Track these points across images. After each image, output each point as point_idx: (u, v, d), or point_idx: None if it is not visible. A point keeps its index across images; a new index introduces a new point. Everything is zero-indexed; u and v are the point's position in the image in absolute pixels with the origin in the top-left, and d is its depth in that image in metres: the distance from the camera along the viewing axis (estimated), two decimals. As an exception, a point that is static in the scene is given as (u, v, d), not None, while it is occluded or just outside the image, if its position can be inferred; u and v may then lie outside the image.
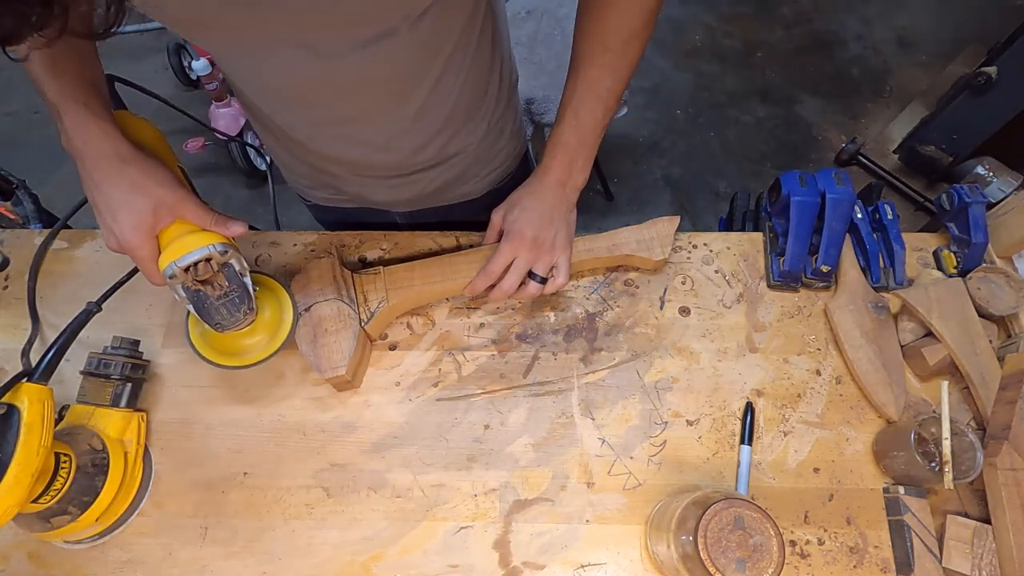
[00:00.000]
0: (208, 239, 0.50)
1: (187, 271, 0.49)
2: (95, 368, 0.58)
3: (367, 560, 0.57)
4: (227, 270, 0.52)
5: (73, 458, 0.53)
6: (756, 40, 2.42)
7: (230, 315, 0.51)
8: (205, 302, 0.51)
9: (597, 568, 0.56)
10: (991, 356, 0.62)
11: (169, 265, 0.49)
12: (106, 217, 0.50)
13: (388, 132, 0.61)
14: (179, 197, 0.50)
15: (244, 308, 0.52)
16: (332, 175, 0.70)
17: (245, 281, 0.53)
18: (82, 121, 0.49)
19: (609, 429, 0.63)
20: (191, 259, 0.49)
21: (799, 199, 0.67)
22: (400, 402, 0.64)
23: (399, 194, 0.72)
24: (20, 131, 2.18)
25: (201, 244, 0.50)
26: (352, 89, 0.54)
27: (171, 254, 0.49)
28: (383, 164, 0.66)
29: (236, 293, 0.52)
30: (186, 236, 0.50)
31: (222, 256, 0.51)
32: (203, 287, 0.51)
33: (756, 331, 0.68)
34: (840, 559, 0.57)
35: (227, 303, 0.51)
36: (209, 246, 0.50)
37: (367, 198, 0.74)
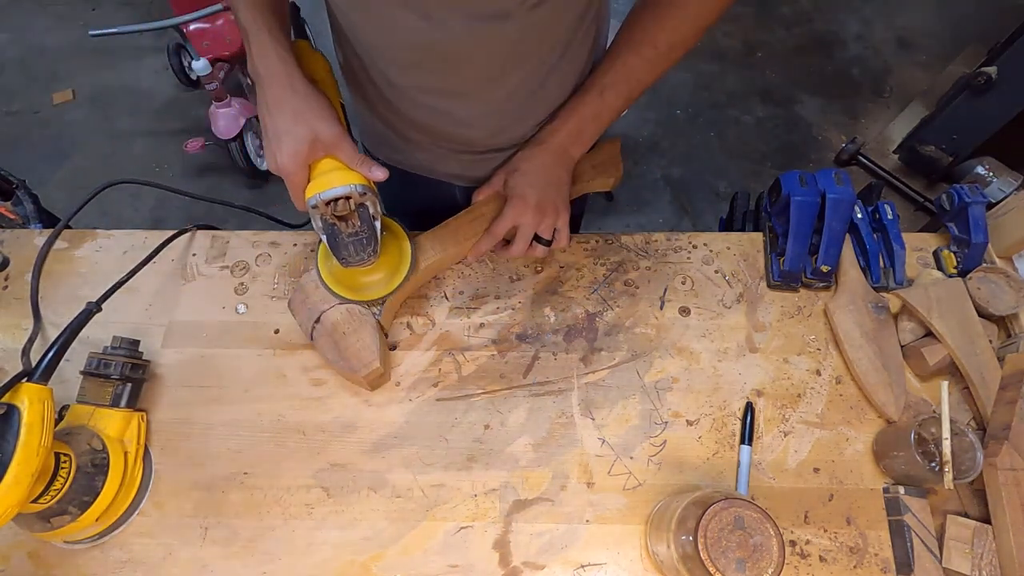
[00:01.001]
0: (352, 179, 0.54)
1: (328, 205, 0.53)
2: (95, 368, 0.58)
3: (367, 560, 0.57)
4: (362, 211, 0.55)
5: (73, 458, 0.53)
6: (756, 40, 2.42)
7: (356, 253, 0.56)
8: (337, 236, 0.55)
9: (597, 568, 0.56)
10: (991, 356, 0.62)
11: (314, 196, 0.53)
12: (271, 140, 0.53)
13: (477, 110, 0.63)
14: (336, 134, 0.53)
15: (370, 249, 0.56)
16: (408, 140, 0.71)
17: (375, 225, 0.56)
18: (266, 47, 0.53)
19: (609, 429, 0.63)
20: (333, 194, 0.53)
21: (799, 199, 0.67)
22: (400, 402, 0.64)
23: (468, 170, 0.74)
24: (20, 131, 2.18)
25: (345, 182, 0.53)
26: (455, 62, 0.56)
27: (318, 186, 0.53)
28: (464, 139, 0.67)
29: (365, 234, 0.56)
30: (333, 172, 0.54)
31: (360, 197, 0.54)
32: (338, 222, 0.55)
33: (756, 331, 0.68)
34: (840, 559, 0.56)
35: (355, 241, 0.55)
36: (352, 185, 0.53)
37: (435, 168, 0.76)
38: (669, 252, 0.73)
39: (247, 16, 0.54)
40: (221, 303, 0.69)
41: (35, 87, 2.28)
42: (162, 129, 2.19)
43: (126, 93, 2.28)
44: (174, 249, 0.72)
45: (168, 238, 0.72)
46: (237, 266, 0.72)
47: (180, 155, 2.05)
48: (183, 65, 2.13)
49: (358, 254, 0.56)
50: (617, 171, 0.72)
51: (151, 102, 2.26)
